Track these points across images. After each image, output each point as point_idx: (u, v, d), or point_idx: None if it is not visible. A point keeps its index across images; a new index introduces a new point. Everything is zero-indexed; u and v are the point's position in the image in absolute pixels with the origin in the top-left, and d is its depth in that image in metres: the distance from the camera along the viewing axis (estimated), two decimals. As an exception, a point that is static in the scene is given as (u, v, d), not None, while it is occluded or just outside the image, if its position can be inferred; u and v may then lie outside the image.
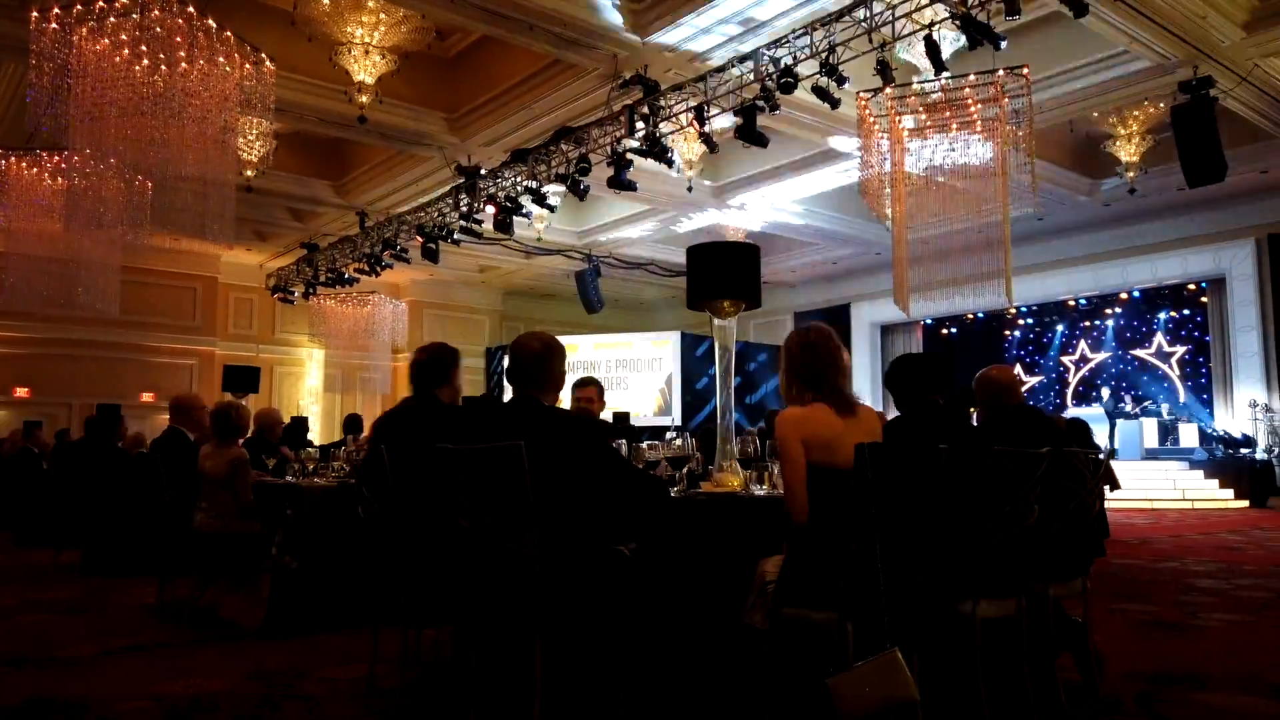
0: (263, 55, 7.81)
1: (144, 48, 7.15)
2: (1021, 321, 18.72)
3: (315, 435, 16.39)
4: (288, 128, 11.73)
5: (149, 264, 15.28)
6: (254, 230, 15.73)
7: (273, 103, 8.07)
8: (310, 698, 3.43)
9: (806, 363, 3.01)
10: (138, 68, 7.17)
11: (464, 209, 11.77)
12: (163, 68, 7.21)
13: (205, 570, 5.08)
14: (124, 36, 7.10)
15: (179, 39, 7.17)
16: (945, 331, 19.19)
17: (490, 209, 11.38)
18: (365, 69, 9.55)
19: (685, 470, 3.67)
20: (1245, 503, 13.67)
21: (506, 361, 3.07)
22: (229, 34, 7.45)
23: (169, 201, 8.50)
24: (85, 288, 10.38)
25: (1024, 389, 17.45)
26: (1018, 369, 17.86)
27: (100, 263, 10.41)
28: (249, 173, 10.93)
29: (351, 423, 9.71)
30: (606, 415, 6.28)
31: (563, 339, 3.17)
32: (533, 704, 2.59)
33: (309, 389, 18.89)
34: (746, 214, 14.80)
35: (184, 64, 7.26)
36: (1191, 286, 16.16)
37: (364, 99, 9.63)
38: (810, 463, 2.84)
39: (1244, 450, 14.26)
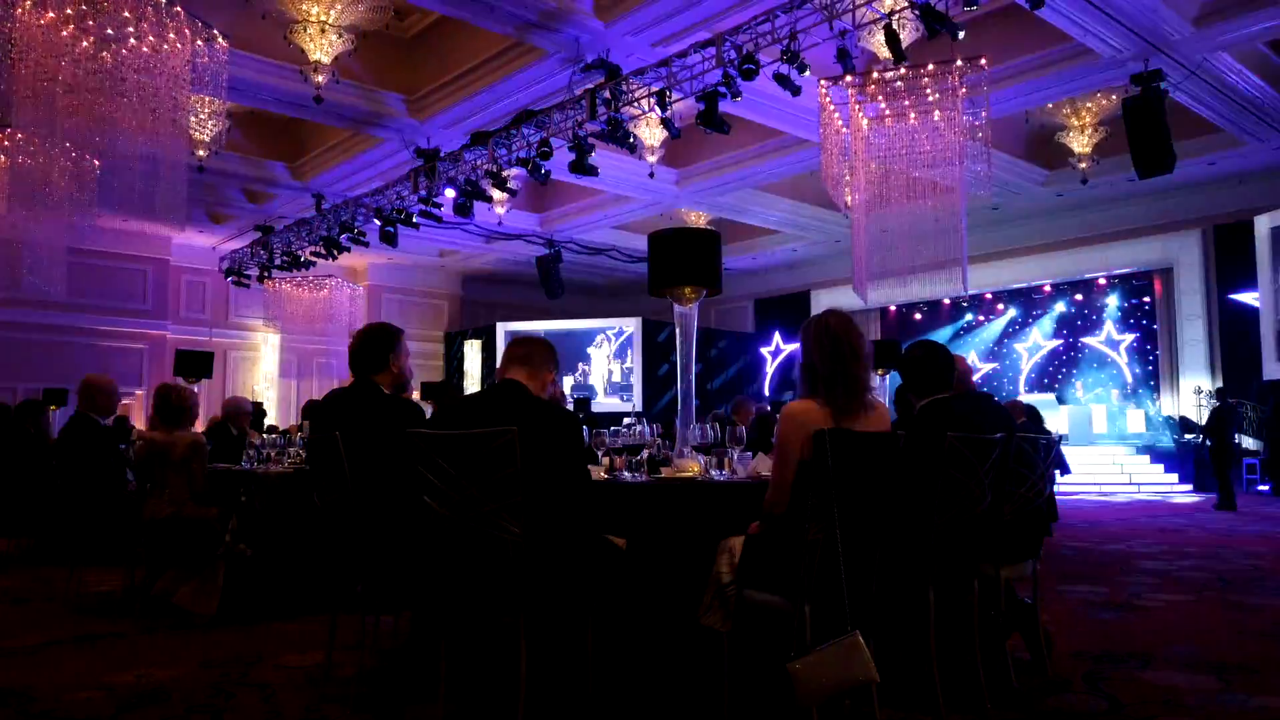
0: (215, 32, 7.62)
1: (90, 22, 6.94)
2: (976, 309, 18.98)
3: (271, 421, 16.13)
4: (241, 107, 11.47)
5: (97, 245, 14.86)
6: (207, 211, 15.39)
7: (225, 81, 7.88)
8: (265, 685, 3.40)
9: (827, 357, 2.85)
10: (84, 43, 6.96)
11: (423, 192, 11.64)
12: (111, 43, 7.01)
13: (158, 558, 4.99)
14: (69, 11, 6.88)
15: (127, 14, 6.97)
16: (901, 318, 19.38)
17: (450, 192, 11.27)
18: (321, 48, 9.37)
19: (645, 456, 3.68)
20: (1189, 487, 14.08)
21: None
22: (179, 9, 7.26)
23: (118, 181, 8.26)
24: (30, 269, 10.08)
25: (978, 375, 17.75)
26: (972, 355, 18.13)
27: (46, 244, 10.09)
28: (201, 153, 10.67)
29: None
30: (568, 402, 6.31)
31: (524, 325, 3.17)
32: (514, 687, 2.59)
33: (264, 374, 18.58)
34: (708, 200, 14.81)
35: (132, 40, 7.06)
36: (1141, 275, 16.54)
37: (320, 79, 9.46)
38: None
39: (1189, 436, 14.66)
